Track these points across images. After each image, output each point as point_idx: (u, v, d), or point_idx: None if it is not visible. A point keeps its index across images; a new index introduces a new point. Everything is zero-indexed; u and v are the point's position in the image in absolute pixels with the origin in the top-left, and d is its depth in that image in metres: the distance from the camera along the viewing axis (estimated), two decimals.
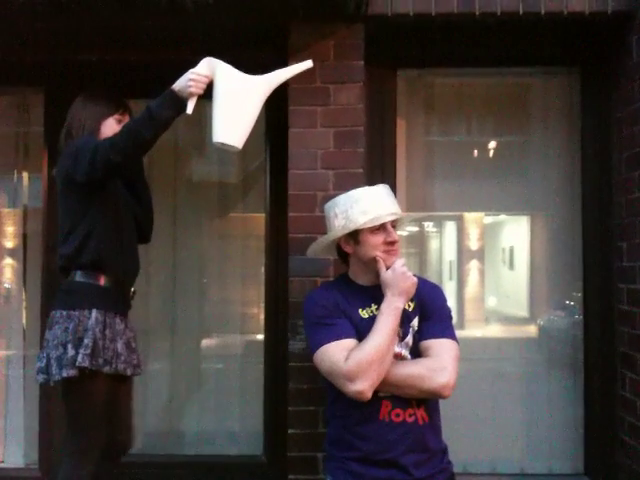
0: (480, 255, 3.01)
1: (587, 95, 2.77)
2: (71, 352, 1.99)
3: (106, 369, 2.04)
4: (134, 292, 2.29)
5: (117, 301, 2.16)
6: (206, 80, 2.02)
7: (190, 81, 1.99)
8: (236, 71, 2.05)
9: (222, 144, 2.03)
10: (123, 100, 2.32)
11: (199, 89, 2.01)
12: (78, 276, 2.10)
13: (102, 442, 2.12)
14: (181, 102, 2.01)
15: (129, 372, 2.15)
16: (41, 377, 2.06)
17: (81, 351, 1.98)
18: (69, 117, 2.25)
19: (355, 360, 1.77)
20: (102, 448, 2.12)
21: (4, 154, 3.06)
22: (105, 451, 2.14)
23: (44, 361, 2.05)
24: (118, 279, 2.17)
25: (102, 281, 2.11)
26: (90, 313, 2.04)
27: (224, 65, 2.04)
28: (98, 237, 2.10)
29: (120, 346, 2.11)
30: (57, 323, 2.05)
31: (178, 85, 2.00)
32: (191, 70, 2.01)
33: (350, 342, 1.85)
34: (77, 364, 1.97)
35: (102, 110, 2.22)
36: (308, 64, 2.21)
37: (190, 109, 2.02)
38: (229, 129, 2.03)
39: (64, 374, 1.98)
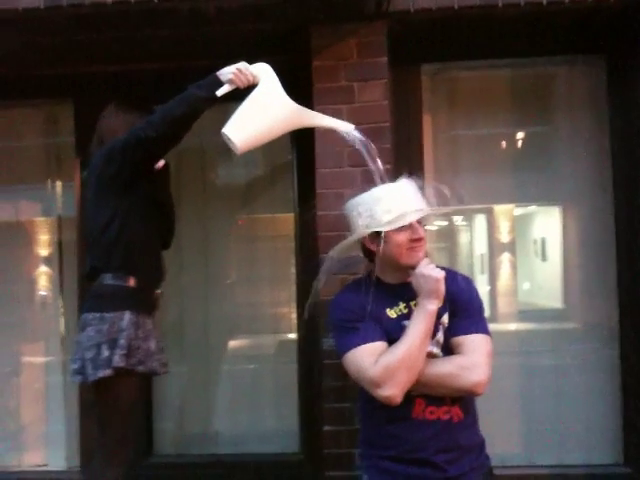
0: (511, 247, 2.98)
1: (613, 83, 2.74)
2: (106, 353, 2.02)
3: (140, 368, 2.08)
4: (161, 294, 2.31)
5: (146, 302, 2.19)
6: (250, 78, 2.02)
7: (236, 69, 2.00)
8: (281, 89, 2.03)
9: (228, 138, 1.99)
10: (153, 109, 2.36)
11: (239, 81, 2.01)
12: (108, 279, 2.12)
13: (131, 442, 2.16)
14: (218, 86, 2.02)
15: (160, 371, 2.19)
16: (78, 378, 2.09)
17: (117, 351, 2.02)
18: (100, 125, 2.28)
19: (382, 365, 1.74)
20: (131, 448, 2.15)
21: (37, 165, 3.14)
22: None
23: (79, 362, 2.08)
24: (146, 281, 2.20)
25: (132, 282, 2.14)
26: (123, 314, 2.07)
27: (274, 77, 2.03)
28: (129, 238, 2.13)
29: (153, 345, 2.15)
30: (90, 325, 2.07)
31: (223, 70, 2.02)
32: (243, 62, 2.02)
33: (378, 345, 1.81)
34: (113, 364, 2.00)
35: (134, 119, 2.25)
36: (349, 127, 2.16)
37: (220, 92, 2.01)
38: (242, 130, 2.00)
39: (100, 374, 2.01)
